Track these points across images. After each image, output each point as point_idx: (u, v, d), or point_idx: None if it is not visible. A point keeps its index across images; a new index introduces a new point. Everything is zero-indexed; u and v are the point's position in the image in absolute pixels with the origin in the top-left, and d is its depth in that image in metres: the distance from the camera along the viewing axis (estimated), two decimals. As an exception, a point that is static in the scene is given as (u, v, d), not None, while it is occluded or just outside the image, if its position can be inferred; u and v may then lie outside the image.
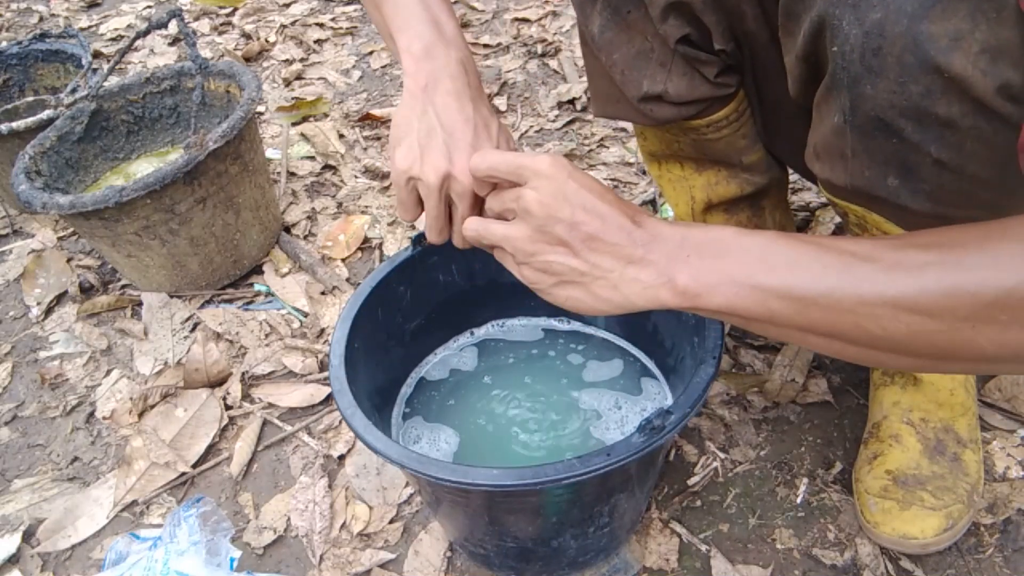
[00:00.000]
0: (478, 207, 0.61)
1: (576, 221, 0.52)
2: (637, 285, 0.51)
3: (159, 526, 0.91)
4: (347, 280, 1.23)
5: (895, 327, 0.43)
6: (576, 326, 0.94)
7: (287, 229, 1.36)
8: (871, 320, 0.44)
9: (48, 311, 1.27)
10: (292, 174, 1.51)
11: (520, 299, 0.85)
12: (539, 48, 1.84)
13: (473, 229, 0.59)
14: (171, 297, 1.23)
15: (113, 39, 2.24)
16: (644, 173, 1.39)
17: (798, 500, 0.85)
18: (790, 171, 0.99)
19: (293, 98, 1.78)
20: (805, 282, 0.45)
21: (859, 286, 0.44)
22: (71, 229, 1.43)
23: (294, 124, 1.67)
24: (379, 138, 1.61)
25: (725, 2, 0.70)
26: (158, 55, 2.11)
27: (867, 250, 0.45)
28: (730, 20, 0.72)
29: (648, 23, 0.73)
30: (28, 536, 0.93)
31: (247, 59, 2.01)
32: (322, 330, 1.15)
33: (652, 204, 1.31)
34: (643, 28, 0.74)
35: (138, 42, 1.59)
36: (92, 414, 1.08)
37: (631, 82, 0.77)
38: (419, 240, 0.81)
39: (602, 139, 1.50)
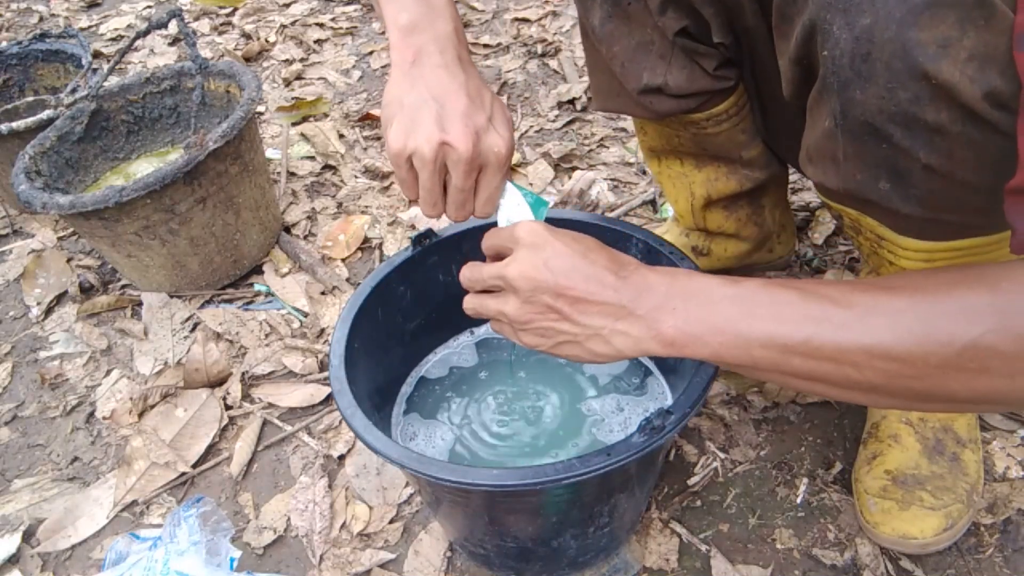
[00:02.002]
0: (474, 176, 0.60)
1: (560, 288, 0.53)
2: (627, 339, 0.53)
3: (159, 526, 0.91)
4: (347, 280, 1.23)
5: (872, 373, 0.45)
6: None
7: (287, 229, 1.36)
8: (850, 367, 0.45)
9: (48, 311, 1.27)
10: (292, 174, 1.51)
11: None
12: (539, 48, 1.84)
13: (471, 307, 0.61)
14: (171, 297, 1.23)
15: (113, 39, 2.24)
16: (644, 173, 1.39)
17: (798, 500, 0.85)
18: (790, 169, 0.99)
19: (293, 98, 1.78)
20: (786, 331, 0.47)
21: (837, 334, 0.45)
22: (71, 229, 1.43)
23: (294, 124, 1.67)
24: (379, 138, 1.61)
25: None
26: (158, 55, 2.11)
27: (845, 296, 0.46)
28: (728, 14, 0.72)
29: (648, 15, 0.73)
30: (28, 536, 0.93)
31: (247, 59, 2.01)
32: (322, 330, 1.15)
33: (652, 204, 1.31)
34: (643, 20, 0.74)
35: (138, 42, 1.59)
36: (92, 414, 1.08)
37: (631, 74, 0.78)
38: (419, 240, 0.81)
39: (602, 139, 1.50)
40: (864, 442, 0.84)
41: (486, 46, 1.90)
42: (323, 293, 1.22)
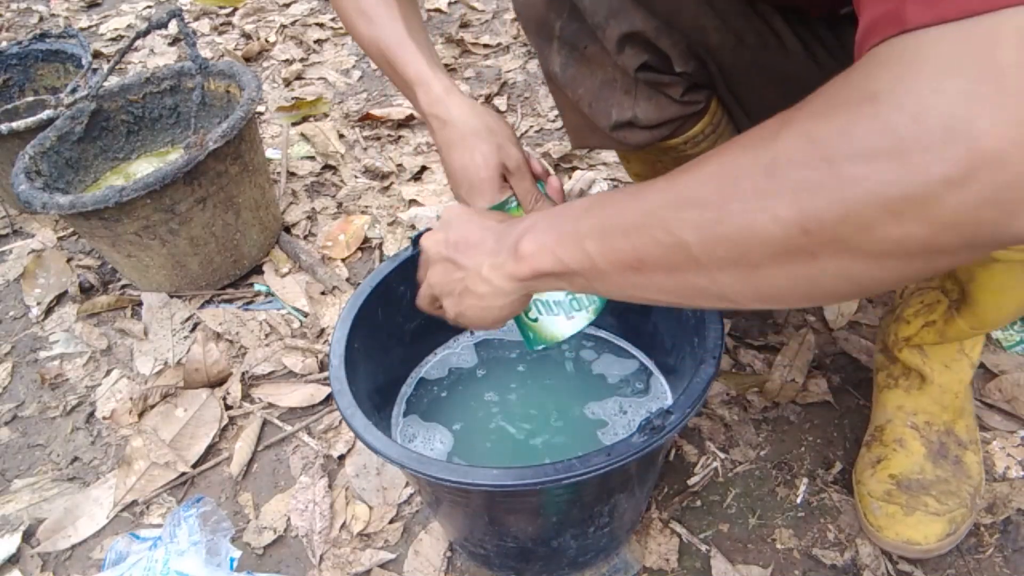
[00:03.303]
0: None
1: (452, 238, 0.57)
2: (496, 270, 0.52)
3: (159, 526, 0.91)
4: (347, 280, 1.23)
5: (680, 228, 0.39)
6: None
7: (287, 229, 1.36)
8: (660, 229, 0.41)
9: (48, 311, 1.27)
10: (292, 174, 1.51)
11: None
12: (539, 48, 1.84)
13: (420, 305, 0.66)
14: (171, 297, 1.23)
15: (113, 39, 2.24)
16: (644, 173, 1.39)
17: (798, 500, 0.85)
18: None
19: (293, 98, 1.78)
20: (608, 215, 0.45)
21: (648, 199, 0.42)
22: (71, 229, 1.43)
23: (294, 124, 1.67)
24: (379, 138, 1.61)
25: (682, 22, 0.69)
26: (158, 55, 2.11)
27: (670, 174, 0.43)
28: (689, 40, 0.71)
29: (606, 55, 0.72)
30: (28, 536, 0.93)
31: (247, 59, 2.01)
32: (322, 330, 1.15)
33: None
34: (602, 60, 0.73)
35: (138, 42, 1.59)
36: (92, 414, 1.08)
37: (600, 113, 0.77)
38: (419, 240, 0.81)
39: (602, 139, 1.50)
40: (867, 445, 0.84)
41: (486, 46, 1.90)
42: (323, 293, 1.22)
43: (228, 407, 1.05)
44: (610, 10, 0.68)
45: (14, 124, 1.27)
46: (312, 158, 1.56)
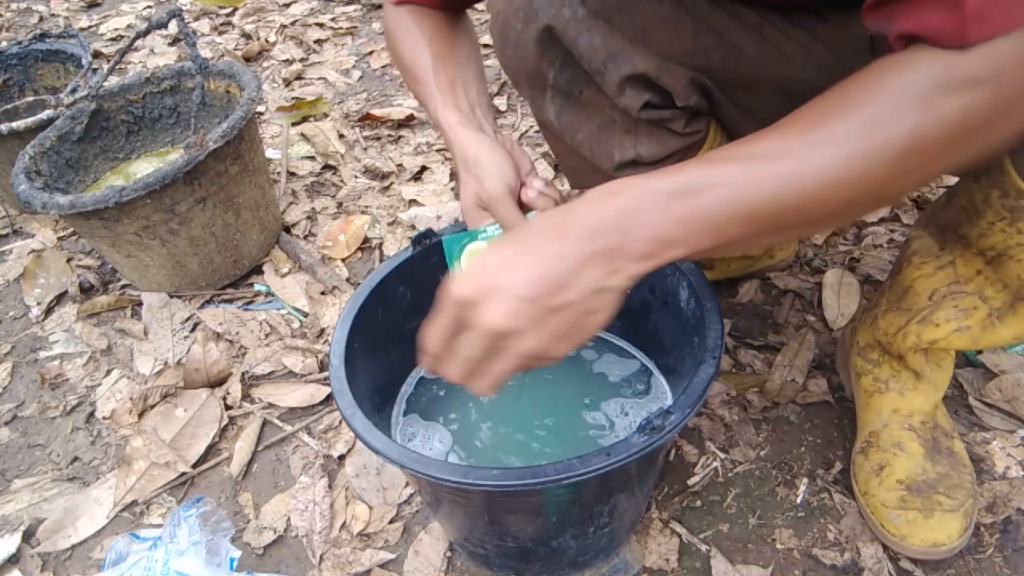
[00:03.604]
0: None
1: (526, 295, 0.51)
2: (615, 275, 0.51)
3: (159, 526, 0.91)
4: (347, 280, 1.23)
5: (835, 205, 0.47)
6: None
7: (287, 229, 1.36)
8: (814, 208, 0.47)
9: (48, 311, 1.27)
10: (292, 174, 1.51)
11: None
12: (539, 48, 1.84)
13: (481, 385, 0.58)
14: (171, 297, 1.23)
15: (113, 39, 2.24)
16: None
17: (798, 500, 0.85)
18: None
19: (293, 98, 1.78)
20: (750, 201, 0.48)
21: (795, 183, 0.47)
22: (71, 229, 1.43)
23: (294, 124, 1.67)
24: (379, 138, 1.61)
25: (682, 49, 0.68)
26: (158, 55, 2.11)
27: (779, 147, 0.48)
28: (691, 71, 0.70)
29: (604, 97, 0.72)
30: (28, 536, 0.93)
31: (247, 59, 2.01)
32: (322, 330, 1.15)
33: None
34: (599, 103, 0.73)
35: (138, 42, 1.59)
36: (92, 414, 1.08)
37: (602, 156, 0.76)
38: (419, 240, 0.81)
39: (602, 139, 1.50)
40: (863, 452, 0.83)
41: (486, 46, 1.90)
42: (323, 293, 1.22)
43: (228, 407, 1.05)
44: (608, 54, 0.68)
45: (14, 124, 1.27)
46: (312, 158, 1.56)
